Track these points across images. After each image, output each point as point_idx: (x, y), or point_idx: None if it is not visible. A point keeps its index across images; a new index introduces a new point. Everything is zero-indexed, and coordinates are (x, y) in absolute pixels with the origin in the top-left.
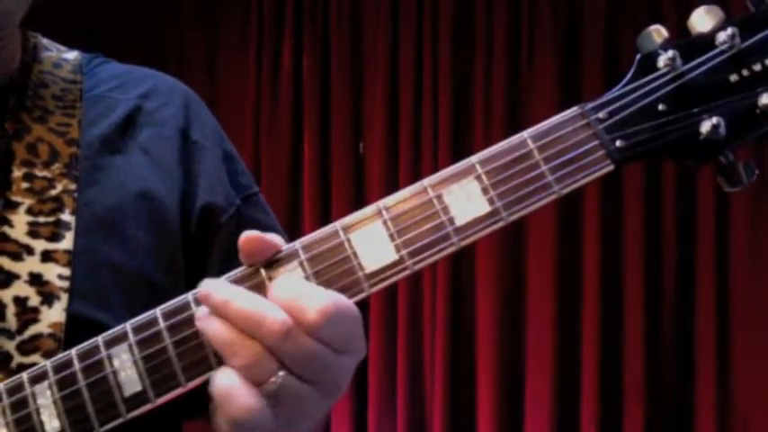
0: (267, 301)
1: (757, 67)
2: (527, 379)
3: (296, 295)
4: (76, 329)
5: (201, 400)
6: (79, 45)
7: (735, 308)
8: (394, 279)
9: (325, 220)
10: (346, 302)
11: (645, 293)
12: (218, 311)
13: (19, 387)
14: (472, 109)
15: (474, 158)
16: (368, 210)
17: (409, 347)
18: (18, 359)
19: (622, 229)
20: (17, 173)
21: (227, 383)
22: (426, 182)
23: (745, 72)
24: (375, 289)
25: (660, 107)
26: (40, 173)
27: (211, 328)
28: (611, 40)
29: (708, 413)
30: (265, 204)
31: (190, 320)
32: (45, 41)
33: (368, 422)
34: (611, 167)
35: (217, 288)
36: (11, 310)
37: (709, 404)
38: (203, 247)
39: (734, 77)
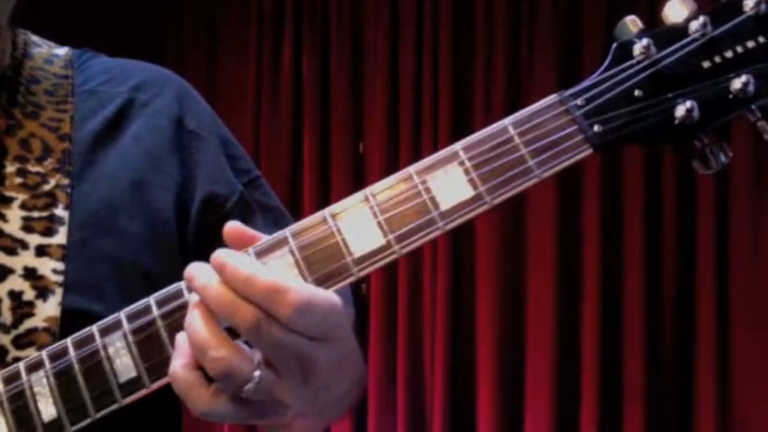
0: (238, 298)
1: (728, 54)
2: (527, 379)
3: (269, 286)
4: (71, 323)
5: None
6: (79, 44)
7: (735, 308)
8: (382, 263)
9: None
10: (323, 295)
11: (645, 293)
12: (198, 294)
13: (15, 376)
14: (472, 108)
15: (457, 145)
16: (355, 197)
17: (409, 347)
18: (13, 353)
19: (622, 229)
20: (10, 168)
21: (183, 381)
22: (412, 168)
23: (717, 59)
24: (363, 273)
25: (636, 93)
26: (33, 168)
27: (189, 326)
28: (610, 40)
29: (708, 413)
30: (268, 186)
31: (183, 307)
32: (35, 38)
33: (368, 422)
34: (589, 151)
35: (198, 271)
36: (6, 304)
37: (709, 404)
38: (209, 237)
39: (706, 64)
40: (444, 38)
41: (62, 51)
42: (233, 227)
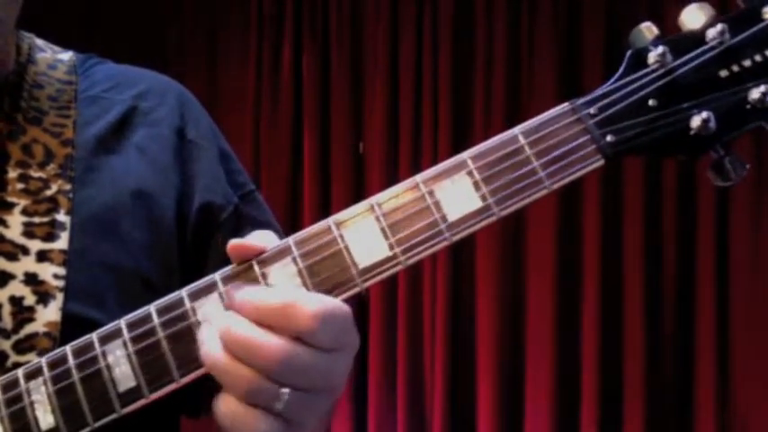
0: (257, 327)
1: (747, 63)
2: (527, 379)
3: (281, 305)
4: (72, 328)
5: (203, 400)
6: (79, 45)
7: (735, 308)
8: (387, 274)
9: None
10: (334, 302)
11: (645, 293)
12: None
13: (14, 383)
14: (472, 109)
15: (466, 154)
16: (361, 205)
17: (409, 348)
18: (14, 358)
19: (622, 229)
20: (12, 174)
21: (229, 411)
22: (419, 178)
23: (734, 67)
24: (368, 284)
25: (650, 102)
26: (35, 173)
27: (210, 356)
28: (611, 40)
29: (708, 413)
30: (262, 201)
31: (184, 316)
32: (40, 42)
33: (368, 422)
34: (601, 162)
35: (205, 334)
36: (6, 309)
37: (709, 404)
38: (203, 246)
39: (724, 73)
40: (444, 38)
41: (66, 56)
42: (235, 244)
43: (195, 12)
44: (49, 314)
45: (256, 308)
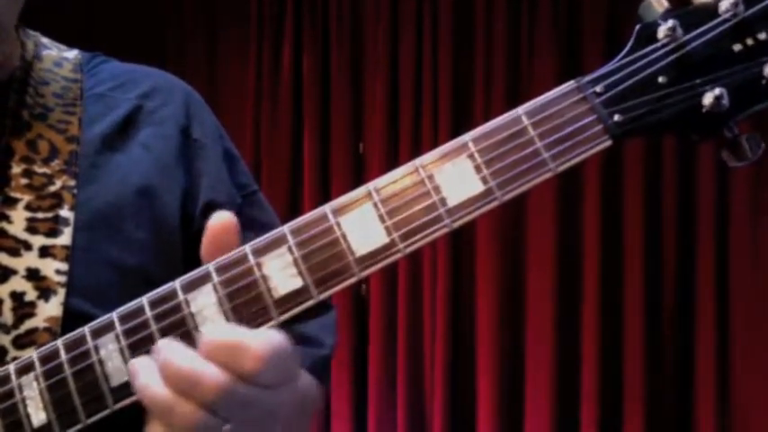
0: (201, 359)
1: (762, 36)
2: (527, 379)
3: (229, 344)
4: (73, 324)
5: None
6: (79, 44)
7: (735, 308)
8: (386, 262)
9: None
10: (279, 339)
11: (645, 294)
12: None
13: (5, 379)
14: (472, 109)
15: (467, 136)
16: (358, 191)
17: (409, 347)
18: (13, 353)
19: (622, 229)
20: (16, 169)
21: None
22: (418, 161)
23: (749, 41)
24: (366, 273)
25: (660, 79)
26: (39, 169)
27: (149, 390)
28: (611, 40)
29: (708, 413)
30: (265, 202)
31: (176, 308)
32: (45, 40)
33: (368, 422)
34: (608, 143)
35: (139, 365)
36: (7, 305)
37: (709, 404)
38: None
39: (737, 47)
40: (444, 38)
41: (71, 54)
42: (221, 219)
43: (195, 12)
44: (50, 309)
45: (203, 343)
